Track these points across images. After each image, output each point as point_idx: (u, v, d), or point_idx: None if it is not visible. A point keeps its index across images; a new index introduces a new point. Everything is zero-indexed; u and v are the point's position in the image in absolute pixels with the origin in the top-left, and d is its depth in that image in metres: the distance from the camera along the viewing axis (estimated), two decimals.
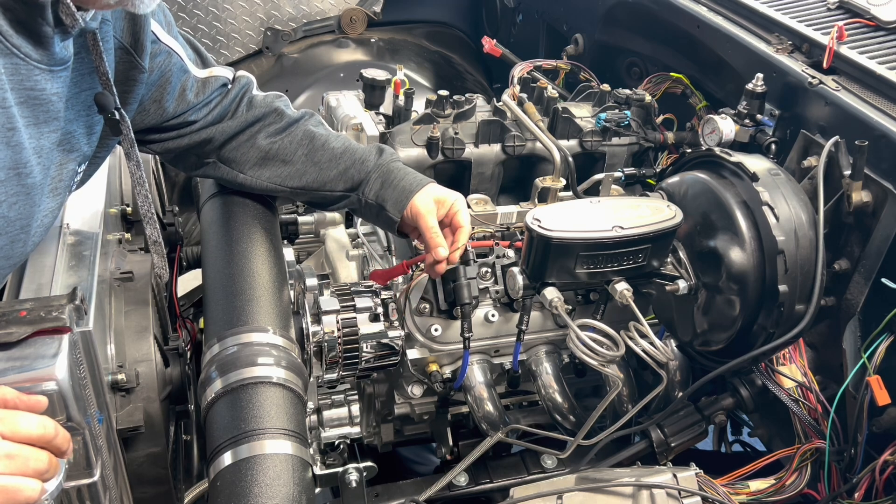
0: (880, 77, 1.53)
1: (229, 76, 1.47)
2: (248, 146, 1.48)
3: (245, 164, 1.49)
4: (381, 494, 1.46)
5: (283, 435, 1.13)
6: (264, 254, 1.44)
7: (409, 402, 1.64)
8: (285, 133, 1.49)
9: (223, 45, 2.83)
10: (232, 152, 1.48)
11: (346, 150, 1.51)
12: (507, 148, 1.78)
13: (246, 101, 1.49)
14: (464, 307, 1.46)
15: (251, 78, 1.53)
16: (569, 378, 1.65)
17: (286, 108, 1.52)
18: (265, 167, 1.50)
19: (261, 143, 1.48)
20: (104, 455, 1.14)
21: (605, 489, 1.26)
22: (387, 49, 2.94)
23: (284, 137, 1.49)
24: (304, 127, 1.51)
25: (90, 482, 1.14)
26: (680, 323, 1.54)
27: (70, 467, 1.04)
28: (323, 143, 1.50)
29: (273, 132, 1.49)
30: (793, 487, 1.44)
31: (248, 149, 1.48)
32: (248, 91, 1.50)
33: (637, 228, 1.33)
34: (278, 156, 1.49)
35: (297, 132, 1.50)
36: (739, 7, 1.89)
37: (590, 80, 2.17)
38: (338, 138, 1.53)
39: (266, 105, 1.49)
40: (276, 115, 1.50)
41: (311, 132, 1.50)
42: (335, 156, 1.50)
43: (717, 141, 1.69)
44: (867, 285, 1.43)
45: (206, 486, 1.14)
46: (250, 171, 1.50)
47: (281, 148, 1.48)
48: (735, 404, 1.56)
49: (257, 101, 1.50)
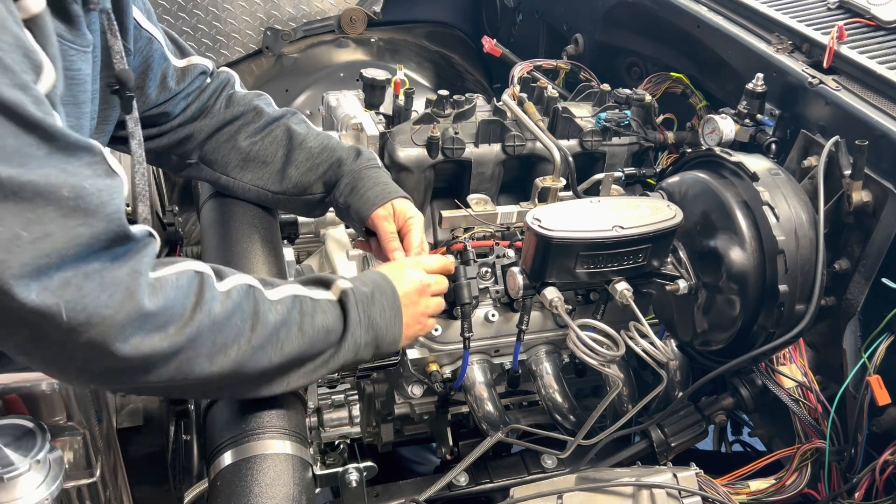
0: (880, 77, 1.53)
1: (208, 65, 1.46)
2: (228, 146, 1.47)
3: (227, 165, 1.48)
4: (381, 494, 1.46)
5: (283, 435, 1.13)
6: (264, 254, 1.44)
7: (409, 402, 1.64)
8: (265, 132, 1.47)
9: (223, 45, 2.83)
10: (213, 152, 1.47)
11: (324, 150, 1.49)
12: (507, 148, 1.78)
13: (224, 97, 1.47)
14: (464, 307, 1.46)
15: (232, 74, 1.52)
16: (569, 378, 1.65)
17: (266, 106, 1.51)
18: (246, 169, 1.48)
19: (241, 144, 1.46)
20: (104, 455, 1.14)
21: (605, 489, 1.26)
22: (387, 49, 2.94)
23: (264, 137, 1.47)
24: (284, 125, 1.49)
25: (90, 482, 1.14)
26: (680, 323, 1.54)
27: (70, 467, 1.04)
28: (301, 142, 1.48)
29: (253, 131, 1.47)
30: (793, 487, 1.44)
31: (229, 149, 1.47)
32: (228, 87, 1.49)
33: (637, 228, 1.33)
34: (258, 157, 1.47)
35: (276, 131, 1.48)
36: (739, 7, 1.89)
37: (590, 80, 2.17)
38: (317, 137, 1.50)
39: (245, 103, 1.48)
40: (256, 114, 1.48)
41: (290, 131, 1.49)
42: (312, 155, 1.48)
43: (717, 141, 1.69)
44: (867, 285, 1.43)
45: (206, 486, 1.14)
46: (233, 173, 1.48)
47: (261, 149, 1.47)
48: (735, 404, 1.56)
49: (237, 99, 1.48)
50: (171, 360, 0.97)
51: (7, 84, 0.79)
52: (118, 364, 0.93)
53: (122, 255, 0.91)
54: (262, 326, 1.05)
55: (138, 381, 0.99)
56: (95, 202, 0.86)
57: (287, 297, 1.11)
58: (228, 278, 1.07)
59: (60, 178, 0.83)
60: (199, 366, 1.00)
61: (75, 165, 0.86)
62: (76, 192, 0.84)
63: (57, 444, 1.15)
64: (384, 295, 1.22)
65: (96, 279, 0.87)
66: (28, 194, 0.80)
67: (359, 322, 1.17)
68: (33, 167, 0.81)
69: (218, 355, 1.01)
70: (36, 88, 0.84)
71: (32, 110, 0.81)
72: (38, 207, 0.81)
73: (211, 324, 1.00)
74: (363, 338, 1.18)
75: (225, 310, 1.02)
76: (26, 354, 0.92)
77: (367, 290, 1.20)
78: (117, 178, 0.91)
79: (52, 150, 0.84)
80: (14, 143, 0.80)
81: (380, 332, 1.20)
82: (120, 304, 0.89)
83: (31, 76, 0.85)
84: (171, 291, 0.96)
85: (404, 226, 1.45)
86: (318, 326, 1.12)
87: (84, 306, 0.87)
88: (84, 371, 0.95)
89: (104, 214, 0.87)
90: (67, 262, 0.84)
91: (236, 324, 1.03)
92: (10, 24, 0.83)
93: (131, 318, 0.91)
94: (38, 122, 0.82)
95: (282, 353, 1.08)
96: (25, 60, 0.84)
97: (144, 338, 0.93)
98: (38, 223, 0.81)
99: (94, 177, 0.87)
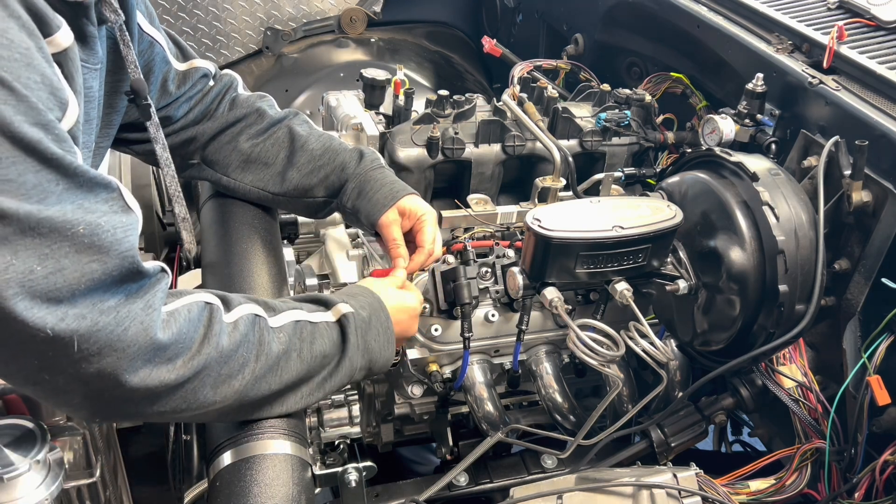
0: (880, 77, 1.53)
1: (210, 68, 1.46)
2: (230, 148, 1.47)
3: (228, 166, 1.48)
4: (381, 494, 1.46)
5: (282, 435, 1.13)
6: (264, 254, 1.44)
7: (409, 402, 1.64)
8: (266, 134, 1.48)
9: (223, 45, 2.83)
10: (215, 154, 1.47)
11: (326, 152, 1.49)
12: (507, 148, 1.78)
13: (227, 100, 1.48)
14: (464, 307, 1.46)
15: (235, 77, 1.52)
16: (569, 378, 1.65)
17: (269, 108, 1.51)
18: (247, 170, 1.48)
19: (242, 146, 1.46)
20: (104, 455, 1.14)
21: (605, 489, 1.26)
22: (387, 49, 2.94)
23: (266, 139, 1.47)
24: (286, 127, 1.49)
25: (90, 482, 1.14)
26: (680, 323, 1.54)
27: (70, 467, 1.04)
28: (302, 143, 1.48)
29: (255, 133, 1.47)
30: (793, 487, 1.44)
31: (231, 151, 1.47)
32: (231, 90, 1.49)
33: (637, 228, 1.33)
34: (260, 158, 1.48)
35: (278, 133, 1.48)
36: (739, 7, 1.89)
37: (590, 80, 2.17)
38: (319, 138, 1.50)
39: (248, 105, 1.48)
40: (258, 116, 1.48)
41: (292, 132, 1.48)
42: (314, 157, 1.48)
43: (717, 141, 1.69)
44: (867, 285, 1.43)
45: (206, 486, 1.14)
46: (234, 174, 1.48)
47: (263, 150, 1.47)
48: (735, 404, 1.56)
49: (240, 101, 1.49)
50: (177, 392, 0.99)
51: (30, 122, 0.81)
52: (125, 395, 0.94)
53: (136, 290, 0.92)
54: (265, 356, 1.07)
55: (143, 411, 1.00)
56: (110, 239, 0.88)
57: (288, 325, 1.12)
58: (235, 309, 1.08)
59: (77, 215, 0.85)
60: (204, 396, 1.02)
61: (92, 202, 0.87)
62: (91, 229, 0.86)
63: (57, 444, 1.15)
64: (379, 321, 1.24)
65: (112, 314, 0.89)
66: (44, 230, 0.82)
67: (357, 347, 1.19)
68: (51, 202, 0.83)
69: (222, 386, 1.03)
70: (59, 126, 0.86)
71: (53, 147, 0.83)
72: (53, 243, 0.83)
73: (218, 356, 1.02)
74: (359, 362, 1.20)
75: (232, 342, 1.04)
76: (34, 385, 0.93)
77: (365, 315, 1.22)
78: (132, 215, 0.93)
79: (71, 186, 0.85)
80: (34, 178, 0.81)
81: (374, 356, 1.22)
82: (133, 338, 0.91)
83: (56, 113, 0.87)
84: (183, 324, 0.98)
85: (416, 223, 1.46)
86: (316, 353, 1.14)
87: (97, 339, 0.88)
88: (90, 400, 0.96)
89: (118, 252, 0.89)
90: (80, 295, 0.86)
91: (242, 355, 1.05)
92: (39, 63, 0.84)
93: (143, 351, 0.92)
94: (59, 159, 0.83)
95: (281, 380, 1.10)
96: (52, 98, 0.86)
97: (153, 370, 0.95)
98: (52, 258, 0.83)
99: (110, 213, 0.89)
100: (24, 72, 0.82)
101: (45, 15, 0.87)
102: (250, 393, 1.07)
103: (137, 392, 0.95)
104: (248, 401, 1.08)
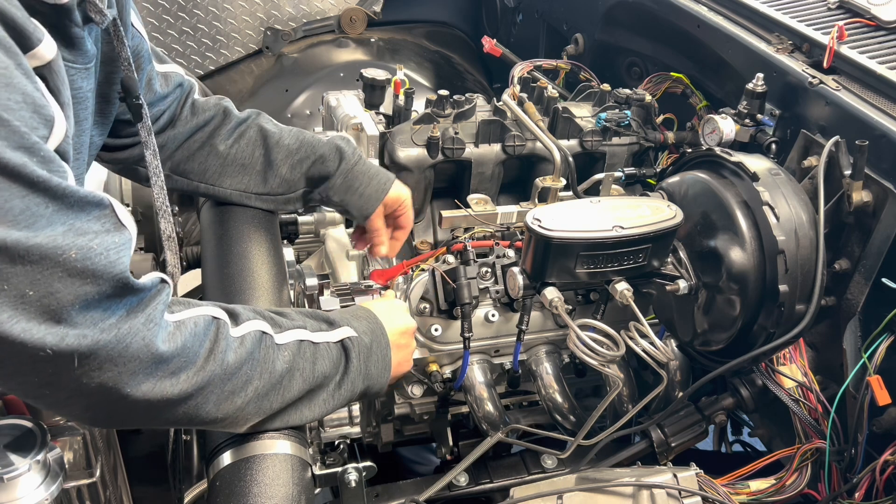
0: (880, 77, 1.53)
1: (184, 77, 1.44)
2: (204, 153, 1.45)
3: (205, 172, 1.47)
4: (381, 494, 1.46)
5: (282, 435, 1.13)
6: (264, 254, 1.44)
7: (409, 402, 1.64)
8: (236, 134, 1.47)
9: (223, 45, 2.83)
10: (187, 162, 1.46)
11: (302, 145, 1.49)
12: (507, 148, 1.78)
13: (189, 104, 1.46)
14: (464, 307, 1.46)
15: (193, 81, 1.50)
16: (569, 378, 1.65)
17: (232, 108, 1.50)
18: (225, 174, 1.47)
19: (219, 149, 1.45)
20: (104, 455, 1.14)
21: (605, 489, 1.26)
22: (387, 49, 2.94)
23: (239, 139, 1.46)
24: (255, 125, 1.48)
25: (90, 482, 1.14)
26: (680, 323, 1.54)
27: (70, 467, 1.04)
28: (277, 140, 1.48)
29: (226, 134, 1.46)
30: (793, 487, 1.44)
31: (207, 155, 1.46)
32: (191, 94, 1.47)
33: (637, 228, 1.33)
34: (237, 160, 1.47)
35: (249, 132, 1.47)
36: (740, 7, 1.89)
37: (590, 80, 2.17)
38: (290, 133, 1.50)
39: (212, 107, 1.47)
40: (225, 116, 1.47)
41: (263, 130, 1.48)
42: (291, 152, 1.48)
43: (717, 141, 1.69)
44: (867, 285, 1.43)
45: (206, 486, 1.14)
46: (212, 180, 1.47)
47: (238, 151, 1.46)
48: (735, 404, 1.56)
49: (200, 105, 1.47)
50: (180, 406, 0.98)
51: (13, 146, 0.78)
52: (127, 407, 0.94)
53: (136, 304, 0.91)
54: (269, 375, 1.06)
55: (144, 423, 1.00)
56: (103, 262, 0.86)
57: (293, 343, 1.11)
58: (243, 324, 1.07)
59: (68, 239, 0.83)
60: (206, 411, 1.01)
61: (84, 221, 0.85)
62: (83, 253, 0.84)
63: (57, 444, 1.15)
64: (380, 347, 1.24)
65: (113, 331, 0.88)
66: (35, 257, 0.80)
67: (358, 372, 1.19)
68: (41, 227, 0.81)
69: (225, 402, 1.03)
70: (45, 147, 0.83)
71: (39, 171, 0.80)
72: (44, 269, 0.81)
73: (222, 373, 1.01)
74: (359, 386, 1.20)
75: (237, 358, 1.02)
76: (35, 398, 0.92)
77: (367, 342, 1.21)
78: (125, 233, 0.91)
79: (61, 208, 0.83)
80: (21, 203, 0.79)
81: (371, 381, 1.22)
82: (136, 353, 0.90)
83: (42, 132, 0.84)
84: (188, 338, 0.97)
85: (399, 208, 1.56)
86: (318, 373, 1.13)
87: (98, 356, 0.87)
88: (92, 411, 0.95)
89: (111, 275, 0.87)
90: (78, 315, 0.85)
91: (246, 372, 1.04)
92: (19, 81, 0.81)
93: (145, 365, 0.92)
94: (45, 182, 0.81)
95: (282, 399, 1.10)
96: (35, 117, 0.83)
97: (156, 383, 0.94)
98: (44, 283, 0.81)
99: (102, 233, 0.87)
100: (2, 93, 0.78)
101: (24, 29, 0.83)
102: (251, 410, 1.06)
103: (139, 404, 0.94)
104: (250, 417, 1.08)
